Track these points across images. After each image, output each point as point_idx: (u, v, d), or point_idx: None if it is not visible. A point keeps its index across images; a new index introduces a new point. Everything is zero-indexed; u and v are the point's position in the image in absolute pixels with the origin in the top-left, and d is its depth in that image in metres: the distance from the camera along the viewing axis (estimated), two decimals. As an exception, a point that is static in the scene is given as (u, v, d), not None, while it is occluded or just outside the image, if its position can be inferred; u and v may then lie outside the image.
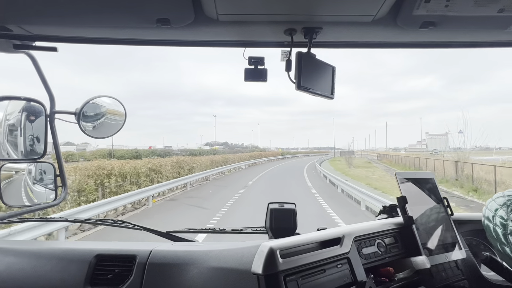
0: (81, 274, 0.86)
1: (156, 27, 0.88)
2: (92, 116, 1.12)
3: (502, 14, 0.78)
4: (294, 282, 0.74)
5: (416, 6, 0.77)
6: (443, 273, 1.04)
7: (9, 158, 1.11)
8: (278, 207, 1.14)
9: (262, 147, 79.68)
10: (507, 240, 0.85)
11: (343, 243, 0.87)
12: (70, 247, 0.96)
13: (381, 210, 1.25)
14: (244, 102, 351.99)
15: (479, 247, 1.15)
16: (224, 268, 0.79)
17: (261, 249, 0.75)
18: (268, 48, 1.04)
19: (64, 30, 0.98)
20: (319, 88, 0.95)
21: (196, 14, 0.83)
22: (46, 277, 0.87)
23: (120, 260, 0.89)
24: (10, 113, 1.10)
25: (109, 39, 1.02)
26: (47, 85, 1.12)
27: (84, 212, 5.97)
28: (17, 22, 0.90)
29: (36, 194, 1.19)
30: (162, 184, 10.79)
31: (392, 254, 0.99)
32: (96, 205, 6.60)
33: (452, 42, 1.02)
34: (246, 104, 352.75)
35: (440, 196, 1.12)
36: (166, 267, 0.85)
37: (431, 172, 1.18)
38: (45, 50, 1.04)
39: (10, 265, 0.90)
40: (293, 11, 0.82)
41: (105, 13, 0.85)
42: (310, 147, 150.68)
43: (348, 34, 0.96)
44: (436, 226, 1.06)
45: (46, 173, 1.21)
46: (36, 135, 1.12)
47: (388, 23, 0.87)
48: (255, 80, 0.99)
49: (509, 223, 0.86)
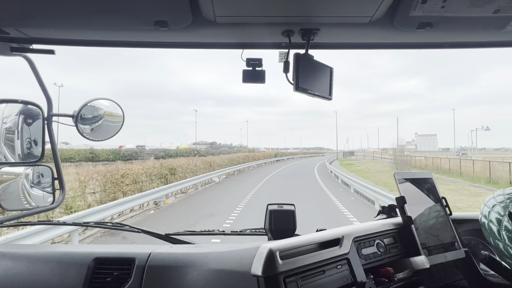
0: (80, 277, 0.86)
1: (154, 29, 0.88)
2: (90, 118, 1.12)
3: (497, 14, 0.78)
4: (294, 283, 0.74)
5: (412, 7, 0.77)
6: (442, 273, 1.04)
7: (7, 161, 1.10)
8: (277, 208, 1.14)
9: (252, 147, 75.12)
10: (501, 235, 0.86)
11: (342, 244, 0.87)
12: (69, 251, 0.96)
13: (380, 210, 1.26)
14: (234, 102, 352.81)
15: (478, 246, 1.15)
16: (224, 270, 0.79)
17: (260, 251, 0.75)
18: (265, 50, 1.04)
19: (62, 33, 0.98)
20: (317, 89, 0.95)
21: (194, 16, 0.83)
22: (44, 281, 0.87)
23: (119, 263, 0.89)
24: (7, 116, 1.10)
25: (107, 42, 1.02)
26: (44, 88, 1.12)
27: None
28: (15, 25, 0.90)
29: (34, 197, 1.19)
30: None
31: (392, 255, 0.99)
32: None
33: (448, 42, 1.02)
34: (236, 104, 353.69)
35: (439, 195, 1.12)
36: (165, 270, 0.84)
37: (429, 171, 1.18)
38: (43, 53, 1.04)
39: (8, 269, 0.90)
40: (291, 13, 0.83)
41: (103, 15, 0.84)
42: (300, 148, 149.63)
43: (346, 35, 0.97)
44: (435, 226, 1.06)
45: (44, 176, 1.20)
46: (34, 138, 1.12)
47: (385, 24, 0.87)
48: (253, 81, 0.99)
49: (505, 219, 0.86)
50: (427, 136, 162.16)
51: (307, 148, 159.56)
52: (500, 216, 0.88)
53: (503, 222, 0.86)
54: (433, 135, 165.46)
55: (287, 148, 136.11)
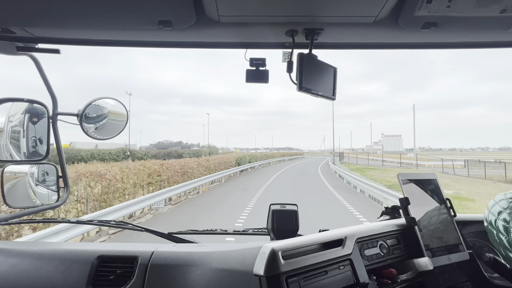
0: (84, 275, 0.87)
1: (158, 28, 0.88)
2: (94, 117, 1.13)
3: (504, 14, 0.77)
4: (296, 283, 0.74)
5: (418, 7, 0.77)
6: (446, 275, 1.03)
7: (12, 159, 1.11)
8: (280, 208, 1.14)
9: (221, 147, 66.11)
10: (509, 242, 0.85)
11: (345, 244, 0.87)
12: (73, 248, 0.96)
13: (383, 211, 1.25)
14: (202, 101, 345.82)
15: (482, 248, 1.14)
16: (226, 270, 0.79)
17: (263, 251, 0.75)
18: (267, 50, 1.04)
19: (67, 32, 0.99)
20: (320, 89, 0.95)
21: (198, 16, 0.83)
22: (48, 278, 0.87)
23: (122, 261, 0.89)
24: (13, 114, 1.11)
25: (111, 41, 1.02)
26: (49, 87, 1.13)
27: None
28: (21, 24, 0.91)
29: (39, 195, 1.20)
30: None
31: (395, 256, 0.98)
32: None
33: (453, 42, 1.01)
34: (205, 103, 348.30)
35: (443, 197, 1.11)
36: (168, 268, 0.85)
37: (434, 173, 1.18)
38: (48, 52, 1.05)
39: (13, 266, 0.91)
40: (295, 13, 0.82)
41: (107, 15, 0.85)
42: (271, 148, 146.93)
43: (350, 35, 0.96)
44: (439, 227, 1.05)
45: (49, 175, 1.21)
46: (39, 136, 1.13)
47: (390, 24, 0.87)
48: (256, 81, 0.99)
49: (511, 225, 0.85)
50: (392, 136, 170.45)
51: (277, 148, 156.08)
52: (507, 224, 0.86)
53: (510, 229, 0.85)
54: (398, 135, 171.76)
55: (257, 148, 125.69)
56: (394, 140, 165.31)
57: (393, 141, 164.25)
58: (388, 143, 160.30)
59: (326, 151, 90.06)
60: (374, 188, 9.92)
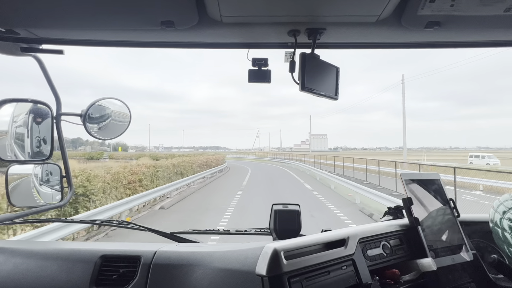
0: (87, 274, 0.87)
1: (161, 29, 0.89)
2: (97, 117, 1.14)
3: (508, 13, 0.77)
4: (299, 283, 0.74)
5: (421, 6, 0.76)
6: (449, 276, 1.02)
7: (17, 159, 1.12)
8: (282, 208, 1.14)
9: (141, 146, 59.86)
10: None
11: (347, 244, 0.87)
12: (76, 248, 0.97)
13: (386, 211, 1.24)
14: (121, 94, 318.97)
15: (486, 249, 1.13)
16: (228, 270, 0.79)
17: (265, 251, 0.75)
18: (270, 50, 1.04)
19: (71, 33, 0.99)
20: (323, 89, 0.95)
21: (200, 16, 0.84)
22: (52, 277, 0.88)
23: (125, 261, 0.90)
24: (17, 115, 1.12)
25: (114, 42, 1.03)
26: (53, 87, 1.14)
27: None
28: (25, 25, 0.92)
29: (42, 195, 1.21)
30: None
31: (398, 256, 0.98)
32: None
33: (457, 42, 1.01)
34: (124, 96, 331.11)
35: (447, 197, 1.10)
36: (170, 268, 0.85)
37: (437, 173, 1.17)
38: (52, 53, 1.06)
39: (17, 265, 0.91)
40: (297, 12, 0.82)
41: (110, 15, 0.86)
42: (195, 147, 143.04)
43: (352, 35, 0.96)
44: (443, 227, 1.04)
45: (53, 174, 1.22)
46: (43, 136, 1.14)
47: (393, 23, 0.86)
48: (259, 81, 0.99)
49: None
50: (319, 136, 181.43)
51: (204, 147, 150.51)
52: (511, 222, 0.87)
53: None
54: (323, 135, 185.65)
55: (181, 147, 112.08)
56: (320, 139, 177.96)
57: (319, 140, 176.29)
58: (315, 142, 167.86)
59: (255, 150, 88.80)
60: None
